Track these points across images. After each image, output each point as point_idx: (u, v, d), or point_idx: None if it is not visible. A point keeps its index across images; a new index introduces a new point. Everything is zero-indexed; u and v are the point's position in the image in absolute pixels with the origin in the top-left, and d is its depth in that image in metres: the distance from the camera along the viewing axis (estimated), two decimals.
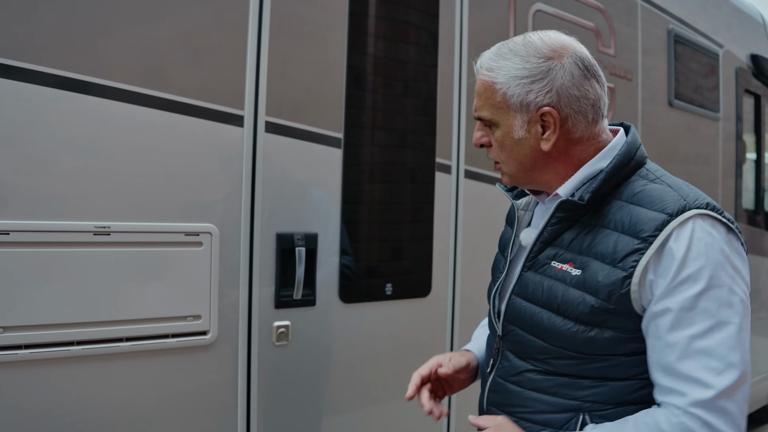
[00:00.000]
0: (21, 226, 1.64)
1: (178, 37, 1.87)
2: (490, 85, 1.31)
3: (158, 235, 1.84)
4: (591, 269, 1.24)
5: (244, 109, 1.99)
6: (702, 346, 1.13)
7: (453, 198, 2.58)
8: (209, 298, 1.92)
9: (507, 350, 1.40)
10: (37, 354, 1.67)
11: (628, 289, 1.18)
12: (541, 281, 1.32)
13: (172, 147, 1.87)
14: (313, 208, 2.18)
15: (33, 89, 1.65)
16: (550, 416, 1.29)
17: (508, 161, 1.35)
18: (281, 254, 2.07)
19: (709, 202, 1.22)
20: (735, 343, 1.13)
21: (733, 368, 1.12)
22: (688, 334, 1.13)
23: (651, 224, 1.19)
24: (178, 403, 1.91)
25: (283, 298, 2.08)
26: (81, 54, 1.72)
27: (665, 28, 3.71)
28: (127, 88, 1.78)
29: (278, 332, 2.08)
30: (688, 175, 3.92)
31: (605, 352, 1.25)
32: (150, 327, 1.82)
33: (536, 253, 1.35)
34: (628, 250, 1.20)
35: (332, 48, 2.22)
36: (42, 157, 1.68)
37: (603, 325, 1.23)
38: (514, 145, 1.31)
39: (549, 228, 1.33)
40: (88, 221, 1.73)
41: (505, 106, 1.30)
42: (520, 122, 1.29)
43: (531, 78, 1.27)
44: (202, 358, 1.93)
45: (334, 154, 2.21)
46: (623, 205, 1.26)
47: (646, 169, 1.32)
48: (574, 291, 1.25)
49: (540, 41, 1.30)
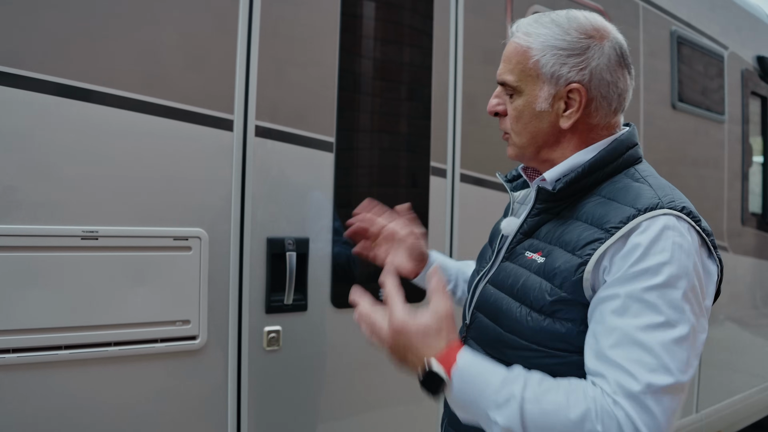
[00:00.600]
0: (8, 231, 1.64)
1: (168, 43, 1.87)
2: (524, 50, 1.28)
3: (147, 239, 1.83)
4: (553, 256, 1.22)
5: (234, 113, 1.98)
6: (640, 339, 1.07)
7: (448, 202, 2.56)
8: (198, 302, 1.91)
9: (471, 338, 1.40)
10: (25, 358, 1.67)
11: (580, 277, 1.15)
12: (512, 269, 1.32)
13: (161, 152, 1.87)
14: (304, 213, 2.17)
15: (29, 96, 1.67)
16: None
17: (522, 133, 1.32)
18: (272, 259, 2.06)
19: (686, 206, 1.19)
20: (676, 349, 1.07)
21: (666, 372, 1.05)
22: (630, 324, 1.08)
23: (617, 217, 1.16)
24: (168, 407, 1.90)
25: (274, 303, 2.07)
26: (77, 61, 1.73)
27: (668, 30, 3.68)
28: (116, 94, 1.79)
29: (269, 337, 2.07)
30: (695, 178, 3.89)
31: (556, 347, 1.20)
32: (139, 331, 1.82)
33: (515, 244, 1.35)
34: (588, 239, 1.17)
35: (324, 51, 2.21)
36: (30, 162, 1.68)
37: (555, 315, 1.20)
38: (533, 116, 1.29)
39: (529, 220, 1.33)
40: (76, 225, 1.73)
41: (534, 74, 1.27)
42: (545, 94, 1.27)
43: (568, 51, 1.25)
44: (192, 363, 1.93)
45: (326, 158, 2.20)
46: (601, 200, 1.24)
47: (635, 169, 1.29)
48: (534, 277, 1.24)
49: (584, 18, 1.28)
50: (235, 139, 1.99)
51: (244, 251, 2.02)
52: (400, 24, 2.43)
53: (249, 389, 2.04)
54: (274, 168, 2.09)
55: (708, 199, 4.05)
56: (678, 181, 3.84)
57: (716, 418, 4.05)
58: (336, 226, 2.22)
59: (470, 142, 2.60)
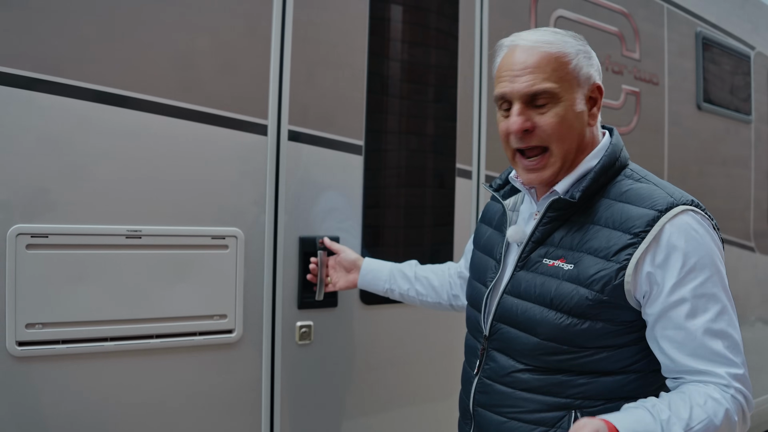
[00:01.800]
0: (59, 230, 1.74)
1: (205, 51, 1.96)
2: (557, 56, 1.31)
3: (186, 238, 1.92)
4: (584, 263, 1.28)
5: (268, 118, 2.07)
6: (719, 329, 1.21)
7: (474, 203, 2.63)
8: (235, 298, 2.00)
9: (493, 350, 1.42)
10: (73, 349, 1.76)
11: (621, 281, 1.24)
12: (534, 278, 1.35)
13: (200, 155, 1.95)
14: (334, 213, 2.25)
15: (71, 103, 1.76)
16: (541, 415, 1.33)
17: (566, 137, 1.33)
18: (304, 257, 2.14)
19: (693, 199, 1.29)
20: (736, 324, 1.23)
21: (740, 346, 1.22)
22: (705, 319, 1.21)
23: (642, 220, 1.24)
24: (205, 397, 1.99)
25: (306, 299, 2.15)
26: (116, 69, 1.82)
27: (693, 31, 3.69)
28: (157, 101, 1.88)
29: (301, 332, 2.16)
30: (721, 178, 3.89)
31: (596, 345, 1.29)
32: (178, 325, 1.91)
33: (528, 252, 1.39)
34: (621, 245, 1.25)
35: (353, 55, 2.27)
36: (78, 165, 1.77)
37: (595, 317, 1.27)
38: (575, 118, 1.33)
39: (540, 228, 1.37)
40: (121, 225, 1.83)
41: (573, 77, 1.32)
42: (581, 96, 1.33)
43: (586, 54, 1.35)
44: (228, 356, 2.01)
45: (355, 161, 2.28)
46: (611, 203, 1.30)
47: (630, 170, 1.38)
48: (567, 284, 1.29)
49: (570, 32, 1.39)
50: (269, 144, 2.07)
51: (278, 250, 2.10)
52: (427, 27, 2.49)
53: (282, 380, 2.13)
54: (306, 170, 2.17)
55: (735, 199, 4.05)
56: (704, 182, 3.89)
57: None
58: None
59: (495, 144, 2.65)
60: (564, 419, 1.31)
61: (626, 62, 3.22)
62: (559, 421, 1.31)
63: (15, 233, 1.68)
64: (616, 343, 1.30)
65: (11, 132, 1.69)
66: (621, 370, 1.31)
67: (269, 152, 2.07)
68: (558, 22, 2.89)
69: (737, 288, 3.97)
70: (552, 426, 1.32)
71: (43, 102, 1.72)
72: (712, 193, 3.85)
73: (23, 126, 1.70)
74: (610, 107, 3.13)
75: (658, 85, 3.43)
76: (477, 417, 1.46)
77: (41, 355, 1.72)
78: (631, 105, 3.25)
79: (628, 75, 3.24)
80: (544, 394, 1.33)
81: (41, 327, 1.72)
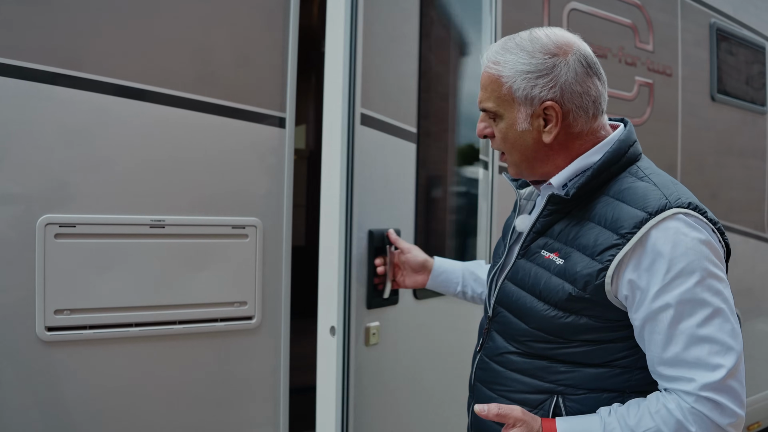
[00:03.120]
0: (85, 220, 1.80)
1: (223, 45, 2.01)
2: (496, 78, 1.36)
3: (208, 227, 1.98)
4: (572, 259, 1.31)
5: (286, 111, 2.12)
6: (704, 334, 1.19)
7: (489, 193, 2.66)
8: (254, 285, 2.06)
9: (494, 331, 1.49)
10: (100, 334, 1.83)
11: (602, 281, 1.26)
12: (530, 268, 1.40)
13: (221, 148, 2.01)
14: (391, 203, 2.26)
15: (93, 97, 1.81)
16: (526, 396, 1.38)
17: (512, 152, 1.41)
18: (374, 252, 2.13)
19: (692, 201, 1.27)
20: (730, 328, 1.20)
21: (732, 350, 1.19)
22: (690, 324, 1.20)
23: (630, 221, 1.24)
24: (226, 381, 2.05)
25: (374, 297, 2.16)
26: (136, 64, 1.87)
27: (707, 22, 3.70)
28: (179, 95, 1.93)
29: (371, 334, 2.17)
30: (734, 169, 3.90)
31: (579, 338, 1.33)
32: (200, 311, 1.97)
33: (529, 242, 1.43)
34: (606, 245, 1.26)
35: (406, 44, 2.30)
36: (104, 157, 1.84)
37: (579, 312, 1.31)
38: (517, 137, 1.37)
39: (541, 219, 1.40)
40: (145, 215, 1.89)
41: (510, 98, 1.35)
42: (523, 115, 1.35)
43: (536, 73, 1.32)
44: (248, 341, 2.07)
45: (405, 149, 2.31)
46: (610, 200, 1.31)
47: (637, 167, 1.36)
48: (556, 279, 1.33)
49: (546, 38, 1.35)
50: (287, 136, 2.12)
51: (352, 245, 2.08)
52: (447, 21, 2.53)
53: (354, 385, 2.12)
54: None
55: (749, 190, 4.06)
56: (717, 173, 3.89)
57: (754, 409, 4.06)
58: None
59: None
60: (546, 403, 1.36)
61: (639, 54, 3.24)
62: (541, 404, 1.36)
63: (44, 223, 1.75)
64: (601, 339, 1.32)
65: (37, 126, 1.75)
66: (605, 364, 1.33)
67: (287, 145, 2.13)
68: (571, 15, 2.92)
69: (753, 279, 4.00)
70: (534, 407, 1.36)
71: (66, 96, 1.78)
72: (726, 184, 3.86)
73: (48, 120, 1.76)
74: (623, 99, 3.15)
75: (671, 77, 3.44)
76: (476, 391, 1.53)
77: (69, 340, 1.79)
78: (644, 96, 3.27)
79: (641, 66, 3.26)
80: (530, 377, 1.39)
81: (69, 313, 1.79)
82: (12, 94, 1.71)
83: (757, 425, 4.13)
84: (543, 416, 1.35)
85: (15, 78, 1.71)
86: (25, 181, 1.74)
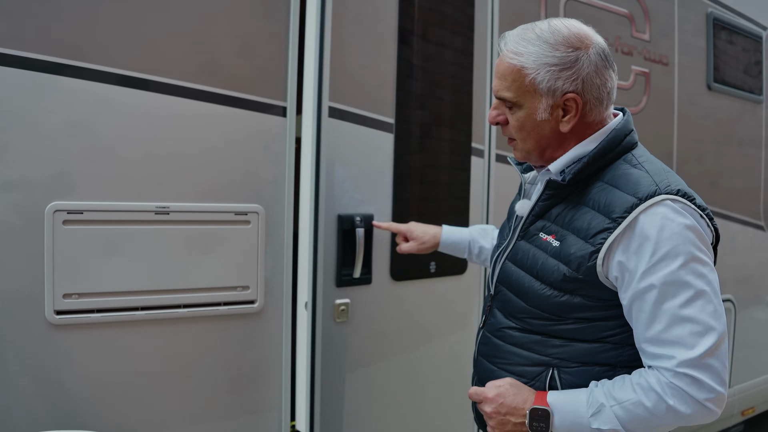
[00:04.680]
0: (92, 206, 1.85)
1: (225, 35, 2.05)
2: (518, 69, 1.38)
3: (211, 214, 2.03)
4: (567, 242, 1.38)
5: (287, 100, 2.16)
6: (686, 314, 1.25)
7: (485, 181, 2.71)
8: (256, 270, 2.11)
9: (496, 308, 1.56)
10: (107, 317, 1.88)
11: (594, 263, 1.32)
12: (529, 249, 1.47)
13: (224, 136, 2.05)
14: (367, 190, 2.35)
15: (96, 87, 1.85)
16: (524, 368, 1.46)
17: (527, 139, 1.44)
18: (342, 234, 2.25)
19: (681, 188, 1.32)
20: (712, 309, 1.26)
21: (713, 330, 1.25)
22: (673, 304, 1.26)
23: (621, 206, 1.31)
24: (229, 363, 2.10)
25: (344, 276, 2.27)
26: (140, 54, 1.91)
27: (703, 12, 3.72)
28: (182, 84, 1.97)
29: (339, 310, 2.28)
30: (729, 157, 3.93)
31: (574, 316, 1.40)
32: (204, 296, 2.03)
33: (528, 224, 1.50)
34: (599, 228, 1.32)
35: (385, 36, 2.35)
36: (109, 146, 1.88)
37: (573, 292, 1.37)
38: (535, 126, 1.41)
39: (540, 203, 1.47)
40: (150, 202, 1.94)
41: (532, 90, 1.38)
42: (544, 105, 1.38)
43: (560, 66, 1.36)
44: (250, 325, 2.13)
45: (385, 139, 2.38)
46: (604, 186, 1.37)
47: (632, 155, 1.42)
48: (552, 260, 1.40)
49: (567, 30, 1.38)
50: (288, 125, 2.17)
51: (319, 228, 2.21)
52: (445, 11, 2.56)
53: (322, 358, 2.24)
54: (326, 150, 2.24)
55: (746, 178, 4.09)
56: (714, 161, 3.92)
57: (748, 395, 4.13)
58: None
59: None
60: (542, 375, 1.44)
61: (636, 43, 3.27)
62: (538, 376, 1.44)
63: (52, 210, 1.79)
64: (594, 317, 1.39)
65: (43, 116, 1.78)
66: (597, 340, 1.40)
67: (288, 133, 2.17)
68: (568, 5, 2.95)
69: (752, 268, 4.04)
70: (532, 379, 1.45)
71: (71, 86, 1.82)
72: (723, 172, 3.89)
73: (54, 110, 1.80)
74: (619, 87, 3.18)
75: (668, 66, 3.48)
76: (478, 365, 1.61)
77: (77, 323, 1.84)
78: (640, 85, 3.31)
79: (638, 56, 3.29)
80: (527, 350, 1.46)
81: (77, 297, 1.83)
82: (20, 85, 1.75)
83: (751, 410, 4.18)
84: (540, 388, 1.43)
85: (22, 69, 1.74)
86: (33, 170, 1.78)
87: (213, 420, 2.08)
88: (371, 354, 2.38)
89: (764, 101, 4.21)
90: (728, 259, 3.91)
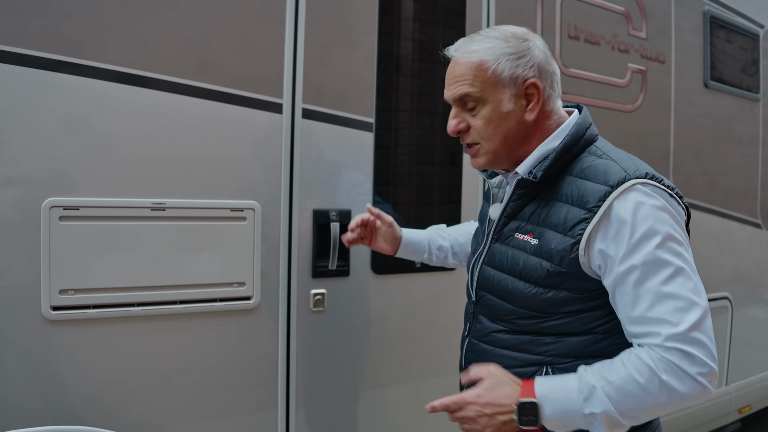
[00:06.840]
0: (89, 203, 1.85)
1: (223, 33, 2.05)
2: (478, 64, 1.43)
3: (207, 210, 2.04)
4: (546, 238, 1.39)
5: (283, 97, 2.17)
6: (668, 291, 1.27)
7: (480, 180, 2.72)
8: (252, 266, 2.12)
9: (480, 314, 1.57)
10: (103, 313, 1.89)
11: (576, 254, 1.34)
12: (506, 251, 1.48)
13: (219, 133, 2.06)
14: (346, 187, 2.35)
15: (94, 84, 1.86)
16: (518, 370, 1.45)
17: (493, 137, 1.46)
18: (317, 228, 2.25)
19: (649, 171, 1.36)
20: (692, 285, 1.28)
21: (696, 305, 1.26)
22: (654, 283, 1.28)
23: (595, 195, 1.33)
24: (225, 360, 2.11)
25: (319, 268, 2.27)
26: (138, 51, 1.92)
27: (701, 10, 3.73)
28: (178, 81, 1.98)
29: (315, 299, 2.27)
30: (726, 155, 3.94)
31: (561, 311, 1.41)
32: (200, 292, 2.03)
33: (501, 227, 1.51)
34: (576, 220, 1.34)
35: (364, 35, 2.37)
36: (107, 143, 1.88)
37: (558, 286, 1.39)
38: (502, 119, 1.44)
39: (511, 204, 1.49)
40: (147, 198, 1.95)
41: (494, 81, 1.42)
42: (508, 95, 1.42)
43: (517, 54, 1.42)
44: (246, 321, 2.13)
45: (366, 138, 2.38)
46: (573, 180, 1.40)
47: (595, 146, 1.46)
48: (533, 258, 1.41)
49: (511, 28, 1.48)
50: (284, 121, 2.18)
51: (293, 221, 2.21)
52: (435, 5, 2.57)
53: (297, 345, 2.25)
54: (319, 147, 2.27)
55: (743, 176, 4.10)
56: (711, 159, 3.91)
57: (745, 392, 4.13)
58: (375, 200, 2.41)
59: None
60: (536, 374, 1.43)
61: (632, 41, 3.28)
62: (533, 375, 1.43)
63: (49, 206, 1.80)
64: (581, 309, 1.40)
65: (40, 112, 1.79)
66: (587, 332, 1.41)
67: (284, 129, 2.18)
68: (565, 2, 2.96)
69: (749, 266, 4.04)
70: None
71: (69, 83, 1.82)
72: (720, 170, 3.90)
73: (51, 106, 1.80)
74: (615, 85, 3.19)
75: (664, 64, 3.48)
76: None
77: (73, 319, 1.85)
78: (637, 83, 3.31)
79: (634, 54, 3.30)
80: (519, 352, 1.46)
81: (73, 293, 1.84)
82: (18, 81, 1.76)
83: (748, 408, 4.19)
84: None
85: (19, 65, 1.75)
86: (30, 166, 1.79)
87: (209, 416, 2.09)
88: (347, 343, 2.38)
89: (761, 99, 4.22)
90: (726, 258, 3.92)
